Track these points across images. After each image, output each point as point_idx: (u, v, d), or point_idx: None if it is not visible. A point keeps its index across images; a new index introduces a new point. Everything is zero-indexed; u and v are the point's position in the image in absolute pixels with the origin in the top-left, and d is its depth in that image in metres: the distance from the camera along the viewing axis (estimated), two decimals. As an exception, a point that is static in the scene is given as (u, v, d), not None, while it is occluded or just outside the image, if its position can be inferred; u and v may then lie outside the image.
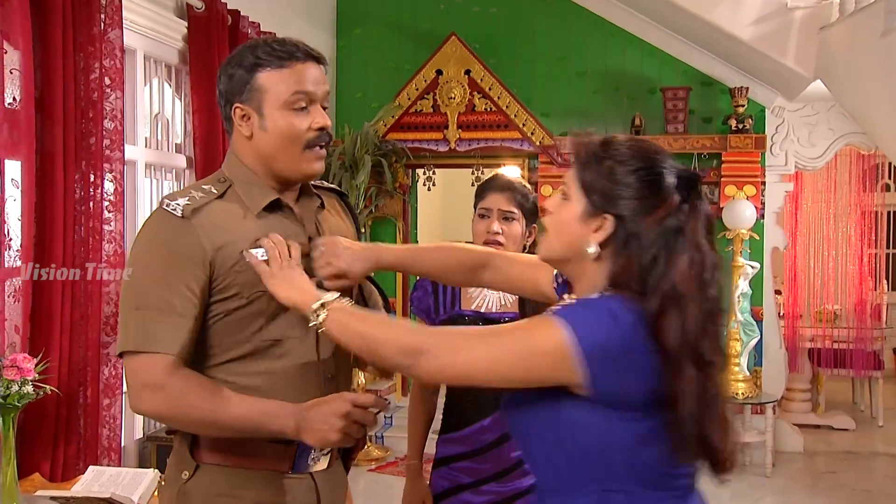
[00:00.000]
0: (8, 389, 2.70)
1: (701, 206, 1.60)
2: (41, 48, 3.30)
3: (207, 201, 1.80)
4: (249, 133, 1.85)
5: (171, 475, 1.87)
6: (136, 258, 1.81)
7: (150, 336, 1.73)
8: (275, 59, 1.81)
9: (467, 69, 6.49)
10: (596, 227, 1.59)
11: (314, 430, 1.71)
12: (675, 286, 1.52)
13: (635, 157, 1.59)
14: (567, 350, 1.49)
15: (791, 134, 6.56)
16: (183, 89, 4.75)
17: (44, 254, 3.33)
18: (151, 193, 4.55)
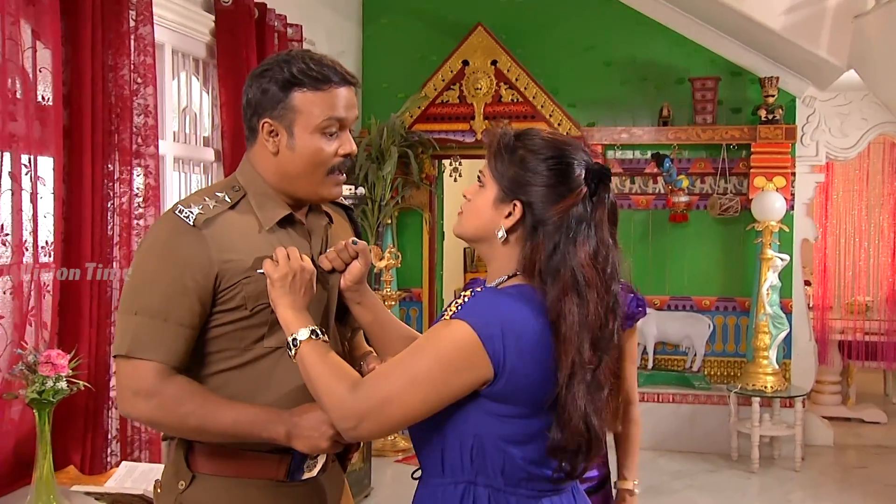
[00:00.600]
0: (43, 385, 2.75)
1: (607, 199, 1.68)
2: (70, 46, 3.31)
3: (220, 211, 1.80)
4: (276, 150, 1.83)
5: (168, 483, 1.87)
6: (141, 261, 1.80)
7: (145, 343, 1.72)
8: (311, 81, 1.79)
9: (494, 59, 6.45)
10: (507, 213, 1.67)
11: (304, 436, 1.72)
12: (575, 273, 1.60)
13: (547, 147, 1.67)
14: (474, 340, 1.56)
15: (822, 124, 6.45)
16: (211, 83, 4.75)
17: (72, 250, 3.36)
18: (180, 187, 4.56)
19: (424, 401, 1.59)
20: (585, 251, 1.62)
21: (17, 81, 3.00)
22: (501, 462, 1.64)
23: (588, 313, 1.61)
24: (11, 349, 3.03)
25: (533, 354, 1.59)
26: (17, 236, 3.08)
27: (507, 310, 1.60)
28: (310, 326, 1.72)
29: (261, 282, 1.77)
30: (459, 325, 1.59)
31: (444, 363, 1.58)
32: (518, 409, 1.61)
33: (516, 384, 1.59)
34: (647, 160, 6.56)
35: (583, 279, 1.61)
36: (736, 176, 6.47)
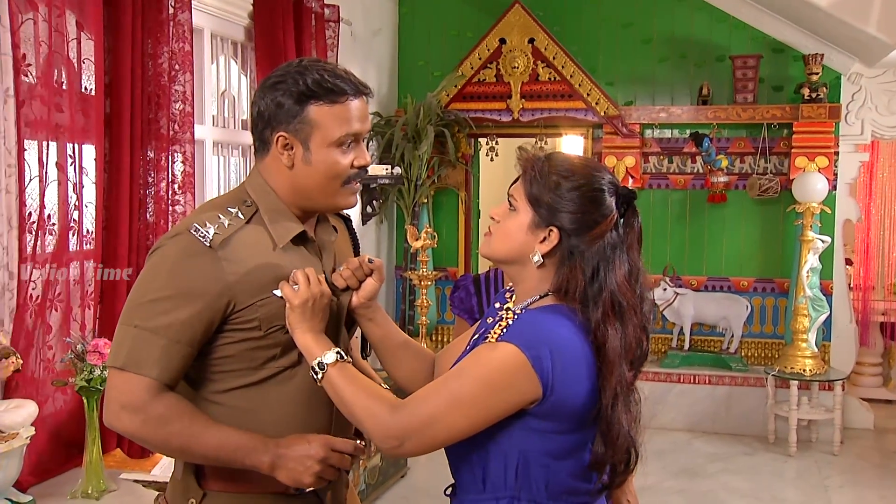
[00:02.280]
0: (91, 374, 2.81)
1: (636, 222, 1.74)
2: (112, 35, 3.32)
3: (235, 230, 1.76)
4: (291, 164, 1.80)
5: (176, 502, 1.86)
6: (149, 275, 1.74)
7: (141, 358, 1.68)
8: (327, 93, 1.76)
9: (531, 38, 6.37)
10: (542, 238, 1.70)
11: (288, 468, 1.71)
12: (615, 297, 1.65)
13: (578, 173, 1.70)
14: (522, 362, 1.58)
15: (868, 102, 6.29)
16: (249, 65, 4.73)
17: (112, 237, 3.38)
18: (219, 172, 4.57)
19: (469, 422, 1.61)
20: (622, 275, 1.68)
21: (62, 72, 3.01)
22: (545, 477, 1.67)
23: (627, 335, 1.66)
24: (60, 337, 3.08)
25: (577, 373, 1.62)
26: (63, 225, 3.11)
27: (553, 330, 1.63)
28: (333, 349, 1.72)
29: (274, 304, 1.75)
30: (507, 347, 1.61)
31: (491, 385, 1.60)
32: (562, 426, 1.65)
33: (562, 402, 1.62)
34: (685, 139, 6.47)
35: (623, 302, 1.66)
36: (776, 156, 6.37)
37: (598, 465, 1.68)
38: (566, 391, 1.61)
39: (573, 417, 1.64)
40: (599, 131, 6.52)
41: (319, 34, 5.07)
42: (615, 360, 1.63)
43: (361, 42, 6.11)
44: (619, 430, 1.64)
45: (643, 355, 1.72)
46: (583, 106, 6.31)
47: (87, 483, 2.87)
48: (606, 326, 1.64)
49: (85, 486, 2.87)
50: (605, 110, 6.27)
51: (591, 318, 1.65)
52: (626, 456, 1.69)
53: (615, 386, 1.63)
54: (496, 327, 1.70)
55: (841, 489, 5.36)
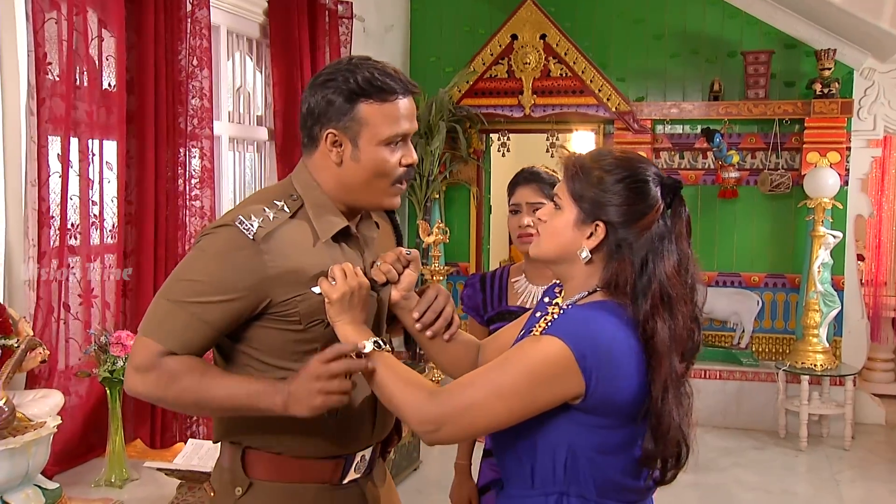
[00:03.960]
0: (114, 365, 2.84)
1: (683, 211, 1.72)
2: (134, 33, 3.35)
3: (279, 223, 1.78)
4: (339, 160, 1.82)
5: (224, 489, 1.88)
6: (191, 260, 1.79)
7: (166, 328, 1.73)
8: (377, 92, 1.77)
9: (542, 34, 6.39)
10: (588, 234, 1.69)
11: (299, 401, 1.68)
12: (664, 289, 1.64)
13: (621, 166, 1.70)
14: (567, 356, 1.58)
15: (881, 97, 6.28)
16: (264, 62, 4.77)
17: (136, 232, 3.42)
18: (234, 167, 4.60)
19: (509, 412, 1.61)
20: (671, 265, 1.66)
21: (84, 70, 3.05)
22: (594, 472, 1.66)
23: (677, 326, 1.64)
24: (83, 329, 3.13)
25: (624, 368, 1.61)
26: (85, 219, 3.15)
27: (599, 325, 1.62)
28: (372, 338, 1.73)
29: (315, 299, 1.77)
30: (552, 340, 1.60)
31: (534, 377, 1.59)
32: (611, 420, 1.63)
33: (609, 397, 1.60)
34: (696, 135, 6.49)
35: (672, 293, 1.64)
36: (788, 151, 6.38)
37: (649, 461, 1.66)
38: (611, 386, 1.60)
39: (621, 412, 1.62)
40: (611, 127, 6.55)
41: (333, 30, 5.10)
42: (664, 353, 1.62)
43: (374, 38, 6.14)
44: (670, 423, 1.62)
45: (695, 346, 1.70)
46: (594, 102, 6.33)
47: (110, 472, 2.91)
48: (655, 318, 1.62)
49: (108, 475, 2.90)
50: (617, 106, 6.29)
51: (639, 311, 1.63)
52: (676, 450, 1.66)
53: (665, 379, 1.62)
54: (542, 321, 1.70)
55: (852, 484, 5.37)
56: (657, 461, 1.66)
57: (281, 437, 1.83)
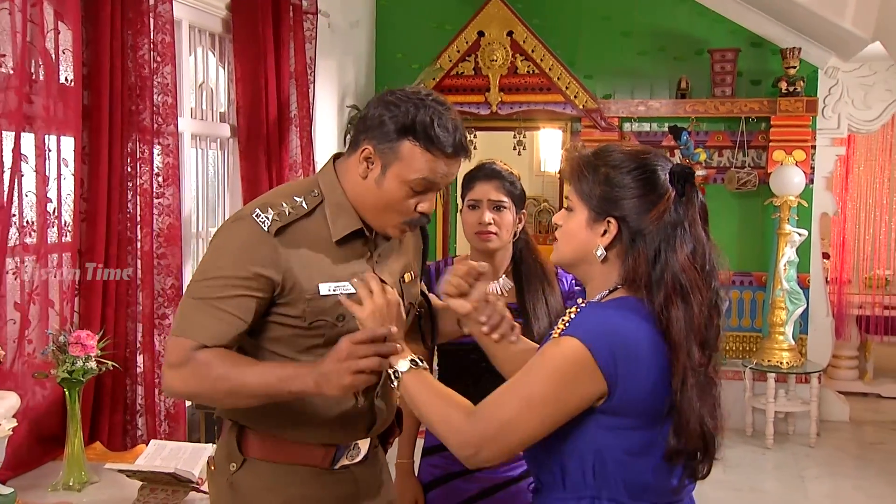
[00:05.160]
0: (73, 365, 2.79)
1: (696, 197, 1.69)
2: (91, 26, 3.27)
3: (295, 218, 1.84)
4: (364, 175, 1.87)
5: (221, 464, 1.98)
6: (212, 254, 1.86)
7: (195, 325, 1.79)
8: (427, 140, 1.81)
9: (510, 30, 6.35)
10: (602, 232, 1.69)
11: (330, 380, 1.71)
12: (677, 278, 1.62)
13: (628, 159, 1.69)
14: (585, 355, 1.57)
15: (845, 95, 6.34)
16: (227, 58, 4.69)
17: (91, 229, 3.33)
18: (197, 164, 4.52)
19: (542, 421, 1.60)
20: (684, 253, 1.64)
21: (40, 63, 2.97)
22: (624, 475, 1.64)
23: (693, 315, 1.61)
24: (40, 330, 3.05)
25: (644, 364, 1.59)
26: (41, 217, 3.07)
27: (615, 322, 1.61)
28: (408, 357, 1.73)
29: (321, 300, 1.83)
30: (569, 341, 1.60)
31: (558, 381, 1.59)
32: (635, 421, 1.62)
33: (631, 395, 1.59)
34: (663, 133, 6.49)
35: (685, 282, 1.62)
36: (754, 149, 6.40)
37: (674, 456, 1.62)
38: (633, 383, 1.59)
39: (646, 412, 1.61)
40: (578, 125, 6.53)
41: (297, 26, 5.03)
42: (681, 343, 1.60)
43: (339, 34, 6.07)
44: (691, 415, 1.59)
45: (715, 335, 1.67)
46: (561, 99, 6.30)
47: (68, 475, 2.83)
48: (669, 309, 1.61)
49: (66, 478, 2.82)
50: (584, 103, 6.27)
51: (654, 303, 1.62)
52: (701, 443, 1.62)
53: (683, 370, 1.59)
54: (560, 323, 1.68)
55: (818, 480, 5.42)
56: (682, 456, 1.63)
57: (277, 420, 1.89)
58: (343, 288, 1.85)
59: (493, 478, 2.59)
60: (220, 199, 4.83)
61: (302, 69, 5.03)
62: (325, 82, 5.82)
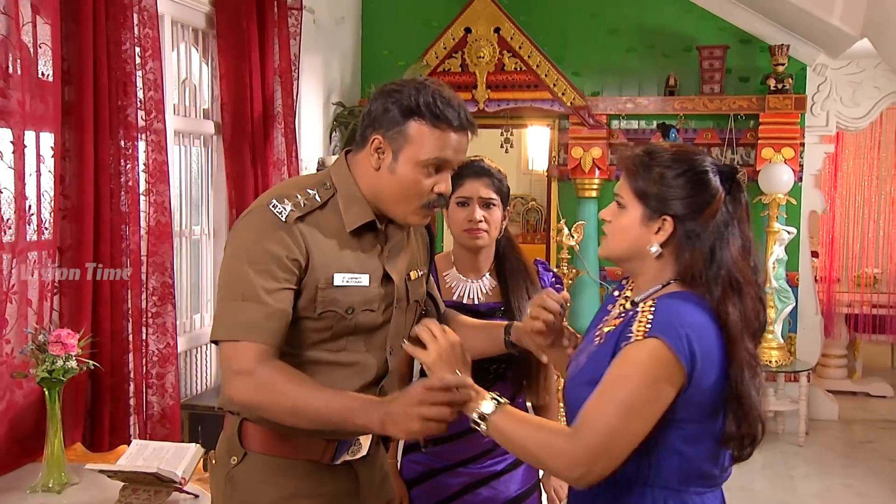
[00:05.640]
0: (53, 365, 2.74)
1: (742, 196, 1.78)
2: (71, 20, 3.21)
3: (310, 209, 1.87)
4: (377, 167, 1.89)
5: (222, 458, 1.99)
6: (235, 251, 1.87)
7: (243, 326, 1.79)
8: (432, 117, 1.84)
9: (497, 27, 6.30)
10: (656, 229, 1.76)
11: (397, 422, 1.71)
12: (732, 274, 1.70)
13: (680, 160, 1.76)
14: (671, 354, 1.62)
15: (833, 93, 6.33)
16: (210, 53, 4.63)
17: (74, 227, 3.28)
18: (180, 161, 4.46)
19: (644, 425, 1.64)
20: (737, 250, 1.73)
21: (18, 58, 2.91)
22: (677, 464, 1.70)
23: (746, 309, 1.70)
24: (18, 329, 2.99)
25: (714, 358, 1.66)
26: (19, 214, 3.01)
27: (689, 317, 1.67)
28: (488, 396, 1.74)
29: (333, 290, 1.85)
30: (655, 342, 1.64)
31: (652, 383, 1.63)
32: (696, 412, 1.67)
33: (701, 388, 1.65)
34: (652, 130, 6.44)
35: (740, 278, 1.71)
36: (743, 147, 6.37)
37: (731, 441, 1.69)
38: (705, 377, 1.64)
39: (708, 403, 1.67)
40: (566, 122, 6.48)
41: (282, 22, 4.97)
42: (738, 336, 1.67)
43: (325, 30, 6.01)
44: (751, 403, 1.67)
45: (762, 327, 1.75)
46: (549, 96, 6.26)
47: (47, 476, 2.77)
48: (727, 304, 1.68)
49: (45, 480, 2.77)
50: (572, 101, 6.23)
51: (713, 299, 1.69)
52: (758, 429, 1.70)
53: (741, 361, 1.67)
54: (636, 324, 1.69)
55: (807, 479, 5.41)
56: (738, 442, 1.70)
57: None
58: (356, 280, 1.88)
59: (476, 472, 2.58)
60: (204, 197, 4.77)
61: (286, 66, 4.98)
62: (311, 79, 5.77)
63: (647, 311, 1.70)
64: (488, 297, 2.63)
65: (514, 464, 2.61)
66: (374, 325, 1.95)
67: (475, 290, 2.64)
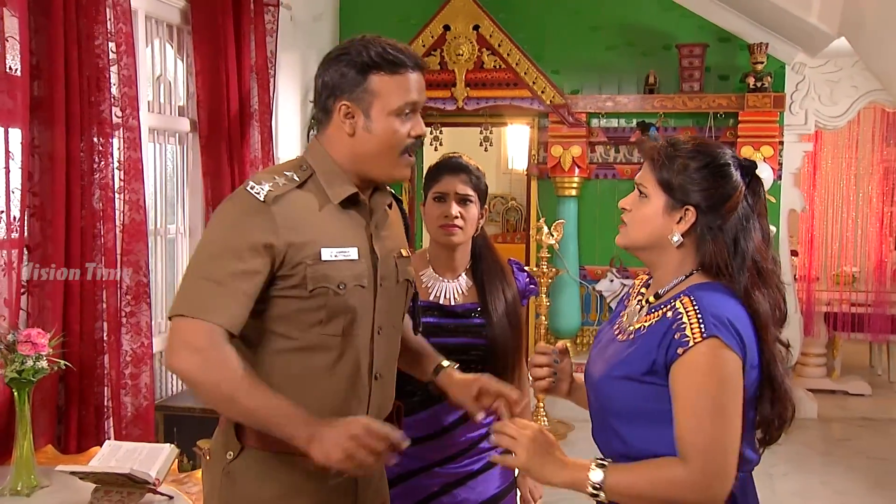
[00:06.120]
0: (23, 365, 2.69)
1: (761, 190, 1.82)
2: (40, 13, 3.15)
3: (288, 189, 1.87)
4: (352, 131, 1.90)
5: (217, 453, 1.97)
6: (210, 231, 1.91)
7: (204, 304, 1.79)
8: (389, 65, 1.87)
9: (476, 24, 6.29)
10: (678, 219, 1.78)
11: (322, 445, 1.72)
12: (757, 264, 1.75)
13: (703, 153, 1.78)
14: (727, 347, 1.64)
15: (812, 91, 6.35)
16: (185, 50, 4.57)
17: (45, 225, 3.22)
18: (155, 159, 4.40)
19: (738, 422, 1.65)
20: (758, 241, 1.77)
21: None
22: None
23: (771, 297, 1.75)
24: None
25: (752, 342, 1.70)
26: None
27: (730, 307, 1.70)
28: (591, 463, 1.72)
29: (322, 266, 1.85)
30: (713, 341, 1.64)
31: (727, 380, 1.65)
32: (744, 397, 1.69)
33: (748, 373, 1.69)
34: (632, 129, 6.44)
35: (764, 266, 1.76)
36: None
37: (766, 423, 1.75)
38: (749, 361, 1.68)
39: (752, 388, 1.71)
40: (545, 120, 6.47)
41: (258, 18, 4.92)
42: (768, 323, 1.72)
43: (302, 27, 5.96)
44: (782, 385, 1.73)
45: (783, 315, 1.79)
46: (528, 94, 6.24)
47: (16, 479, 2.71)
48: (755, 292, 1.73)
49: (14, 483, 2.71)
50: (551, 99, 6.21)
51: (740, 288, 1.73)
52: (790, 410, 1.75)
53: (771, 346, 1.72)
54: (687, 326, 1.68)
55: (785, 477, 5.40)
56: (772, 424, 1.75)
57: None
58: (344, 254, 1.89)
59: (453, 472, 2.55)
60: (180, 196, 4.71)
61: (263, 63, 4.93)
62: (288, 76, 5.72)
63: (691, 310, 1.69)
64: (465, 298, 2.60)
65: (489, 464, 2.59)
66: (367, 302, 1.94)
67: (451, 290, 2.62)
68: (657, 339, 1.72)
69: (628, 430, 1.76)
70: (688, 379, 1.66)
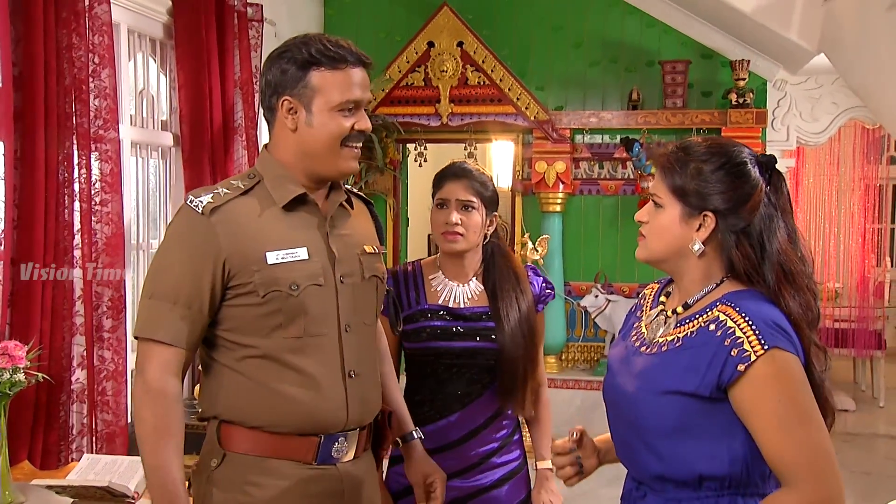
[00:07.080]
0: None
1: (783, 186, 1.75)
2: (22, 24, 3.13)
3: (230, 198, 1.89)
4: (294, 127, 1.92)
5: (203, 462, 1.96)
6: (159, 250, 1.93)
7: (155, 323, 1.83)
8: (329, 60, 1.89)
9: (460, 41, 6.29)
10: (697, 226, 1.71)
11: None
12: (784, 265, 1.68)
13: (716, 153, 1.71)
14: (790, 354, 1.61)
15: (793, 108, 6.42)
16: (168, 64, 4.56)
17: (25, 236, 3.19)
18: (137, 173, 4.38)
19: (825, 430, 1.64)
20: (784, 240, 1.70)
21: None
22: (763, 467, 1.66)
23: (801, 298, 1.69)
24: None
25: (798, 346, 1.65)
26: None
27: (777, 314, 1.65)
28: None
29: (271, 269, 1.85)
30: (775, 352, 1.60)
31: (801, 387, 1.60)
32: None
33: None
34: (615, 145, 6.46)
35: (791, 267, 1.68)
36: (706, 161, 6.39)
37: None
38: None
39: None
40: (530, 136, 6.48)
41: (242, 33, 4.91)
42: (801, 325, 1.66)
43: (287, 44, 5.95)
44: (821, 389, 1.66)
45: (816, 316, 1.71)
46: (512, 111, 6.24)
47: (-9, 495, 2.70)
48: (785, 295, 1.66)
49: (-11, 499, 2.70)
50: (535, 115, 6.22)
51: (770, 291, 1.67)
52: (831, 411, 1.71)
53: (808, 348, 1.66)
54: (745, 342, 1.62)
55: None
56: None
57: (254, 410, 1.89)
58: (292, 255, 1.88)
59: (463, 487, 2.53)
60: (162, 210, 4.68)
61: (247, 77, 4.92)
62: (272, 92, 5.69)
63: (742, 323, 1.63)
64: (474, 302, 2.59)
65: (502, 479, 2.58)
66: (328, 301, 1.92)
67: (461, 294, 2.61)
68: (706, 355, 1.65)
69: (669, 447, 1.69)
70: (762, 394, 1.60)
